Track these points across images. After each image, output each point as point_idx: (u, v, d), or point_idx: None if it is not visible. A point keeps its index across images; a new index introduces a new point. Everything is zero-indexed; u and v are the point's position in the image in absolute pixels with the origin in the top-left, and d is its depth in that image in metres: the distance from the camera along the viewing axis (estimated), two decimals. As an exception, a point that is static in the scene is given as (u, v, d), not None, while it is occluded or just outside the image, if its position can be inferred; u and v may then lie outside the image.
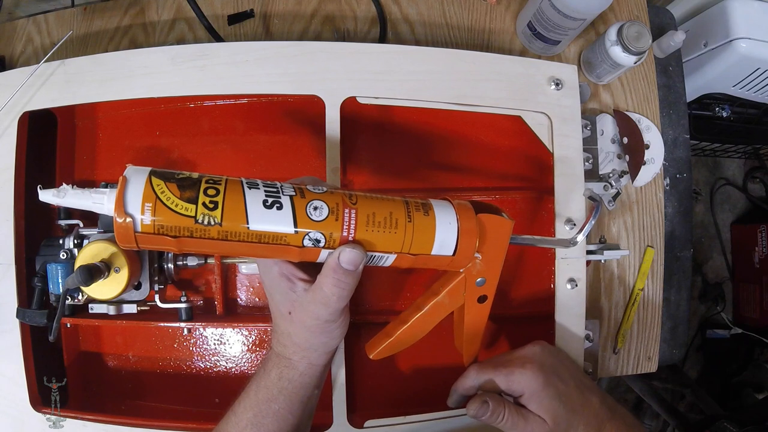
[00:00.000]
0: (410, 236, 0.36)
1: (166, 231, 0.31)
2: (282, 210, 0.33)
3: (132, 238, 0.31)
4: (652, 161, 0.66)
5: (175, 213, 0.31)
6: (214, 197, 0.32)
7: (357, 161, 0.57)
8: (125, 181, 0.31)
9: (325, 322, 0.39)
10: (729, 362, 1.46)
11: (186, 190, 0.31)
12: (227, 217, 0.32)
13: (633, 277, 0.66)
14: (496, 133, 0.59)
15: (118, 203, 0.30)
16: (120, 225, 0.30)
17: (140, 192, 0.31)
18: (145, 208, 0.31)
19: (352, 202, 0.35)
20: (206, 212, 0.31)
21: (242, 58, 0.50)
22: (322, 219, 0.34)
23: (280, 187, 0.34)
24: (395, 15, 0.67)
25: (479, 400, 0.43)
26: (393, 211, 0.36)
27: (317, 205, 0.34)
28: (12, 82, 0.50)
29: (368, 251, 0.35)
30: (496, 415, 0.43)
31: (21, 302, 0.50)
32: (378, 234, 0.35)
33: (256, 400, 0.40)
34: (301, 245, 0.34)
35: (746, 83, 0.84)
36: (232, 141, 0.58)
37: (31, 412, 0.50)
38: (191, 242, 0.32)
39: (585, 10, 0.56)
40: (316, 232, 0.34)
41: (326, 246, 0.34)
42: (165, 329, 0.57)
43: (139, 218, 0.31)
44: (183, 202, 0.31)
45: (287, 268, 0.38)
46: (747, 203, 1.56)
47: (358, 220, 0.35)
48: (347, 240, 0.35)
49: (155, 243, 0.31)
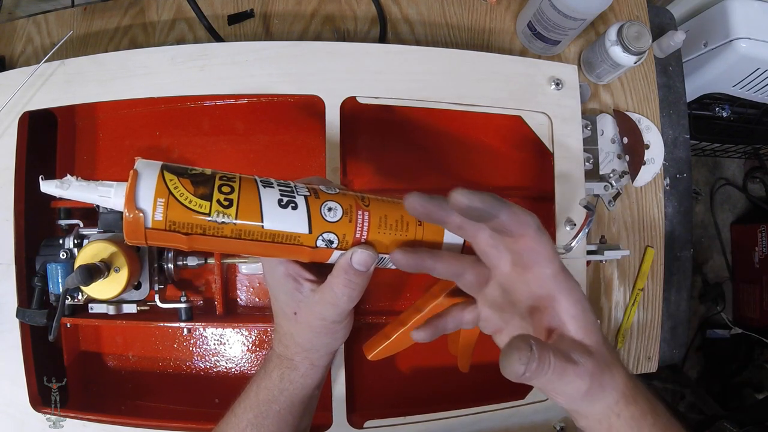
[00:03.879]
0: (420, 239, 0.36)
1: (179, 228, 0.30)
2: (297, 210, 0.33)
3: (142, 234, 0.30)
4: (652, 161, 0.66)
5: (189, 210, 0.30)
6: (229, 195, 0.31)
7: (357, 161, 0.57)
8: (136, 174, 0.30)
9: (332, 322, 0.39)
10: (729, 362, 1.46)
11: (200, 187, 0.31)
12: (242, 215, 0.31)
13: (633, 277, 0.66)
14: (496, 133, 0.59)
15: (129, 197, 0.29)
16: (130, 220, 0.30)
17: (153, 187, 0.30)
18: (158, 204, 0.30)
19: (365, 204, 0.35)
20: (221, 210, 0.31)
21: (242, 58, 0.50)
22: (337, 220, 0.34)
23: (294, 186, 0.34)
24: (395, 15, 0.67)
25: (522, 343, 0.28)
26: (404, 214, 0.36)
27: (331, 206, 0.34)
28: (12, 82, 0.50)
29: (379, 253, 0.35)
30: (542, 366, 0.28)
31: (21, 302, 0.50)
32: (389, 236, 0.35)
33: (256, 401, 0.40)
34: (314, 246, 0.34)
35: (746, 83, 0.84)
36: (232, 141, 0.58)
37: (31, 412, 0.49)
38: (203, 240, 0.31)
39: (585, 10, 0.56)
40: (330, 233, 0.34)
41: (339, 247, 0.34)
42: (165, 329, 0.57)
43: (151, 214, 0.30)
44: (197, 198, 0.30)
45: (293, 269, 0.38)
46: (747, 203, 1.56)
47: (371, 222, 0.35)
48: (359, 241, 0.35)
49: (166, 240, 0.31)
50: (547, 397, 0.52)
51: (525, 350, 0.28)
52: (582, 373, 0.30)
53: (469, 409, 0.51)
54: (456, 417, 0.51)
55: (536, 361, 0.28)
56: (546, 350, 0.29)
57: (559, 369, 0.29)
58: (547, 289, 0.33)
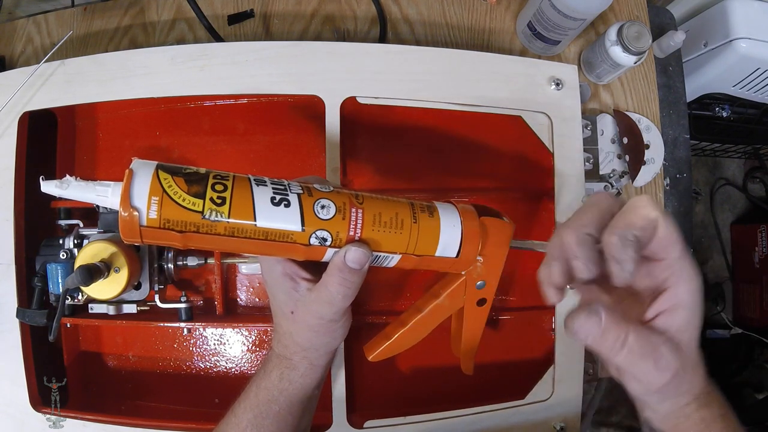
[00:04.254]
0: (415, 237, 0.36)
1: (173, 226, 0.31)
2: (290, 207, 0.33)
3: (137, 232, 0.31)
4: (652, 161, 0.66)
5: (182, 207, 0.31)
6: (222, 193, 0.32)
7: (357, 161, 0.57)
8: (132, 173, 0.30)
9: (329, 321, 0.39)
10: (729, 362, 1.45)
11: (193, 185, 0.31)
12: (235, 213, 0.32)
13: (633, 277, 0.66)
14: (496, 133, 0.59)
15: (124, 196, 0.30)
16: (125, 218, 0.30)
17: (147, 185, 0.30)
18: (152, 202, 0.30)
19: (359, 201, 0.35)
20: (214, 207, 0.31)
21: (242, 58, 0.50)
22: (330, 218, 0.34)
23: (287, 184, 0.34)
24: (395, 15, 0.67)
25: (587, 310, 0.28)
26: (399, 212, 0.36)
27: (325, 203, 0.34)
28: (12, 82, 0.50)
29: (374, 251, 0.35)
30: (614, 337, 0.28)
31: (21, 302, 0.50)
32: (384, 234, 0.35)
33: (256, 401, 0.40)
34: (308, 243, 0.34)
35: (746, 83, 0.84)
36: (232, 141, 0.58)
37: (31, 412, 0.49)
38: (197, 238, 0.32)
39: (585, 10, 0.56)
40: (323, 231, 0.34)
41: (332, 245, 0.34)
42: (165, 329, 0.57)
43: (145, 212, 0.30)
44: (190, 196, 0.31)
45: (290, 268, 0.38)
46: (747, 203, 1.56)
47: (365, 219, 0.35)
48: (353, 239, 0.35)
49: (160, 238, 0.31)
50: (547, 397, 0.52)
51: (590, 314, 0.28)
52: (664, 368, 0.29)
53: (469, 409, 0.51)
54: (456, 417, 0.51)
55: (600, 327, 0.28)
56: (621, 325, 0.28)
57: (639, 353, 0.28)
58: (671, 272, 0.30)
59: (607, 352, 0.29)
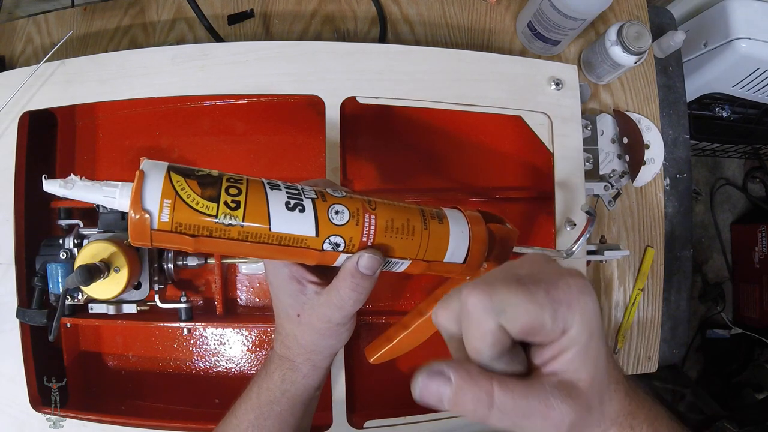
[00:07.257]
0: (425, 243, 0.36)
1: (185, 230, 0.30)
2: (304, 213, 0.32)
3: (147, 236, 0.30)
4: (652, 161, 0.66)
5: (196, 211, 0.30)
6: (237, 197, 0.31)
7: (357, 161, 0.57)
8: (143, 175, 0.29)
9: (336, 325, 0.39)
10: (729, 362, 1.45)
11: (207, 188, 0.31)
12: (249, 217, 0.31)
13: (633, 277, 0.66)
14: (496, 133, 0.59)
15: (135, 198, 0.29)
16: (135, 221, 0.29)
17: (159, 187, 0.29)
18: (164, 205, 0.29)
19: (372, 207, 0.35)
20: (228, 212, 0.31)
21: (242, 58, 0.50)
22: (344, 223, 0.33)
23: (301, 189, 0.34)
24: (395, 15, 0.67)
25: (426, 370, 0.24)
26: (410, 218, 0.36)
27: (339, 209, 0.34)
28: (12, 82, 0.50)
29: (385, 257, 0.35)
30: (474, 398, 0.23)
31: (21, 302, 0.50)
32: (396, 240, 0.35)
33: (258, 402, 0.40)
34: (321, 249, 0.33)
35: (746, 83, 0.84)
36: (232, 141, 0.58)
37: (31, 412, 0.49)
38: (209, 242, 0.31)
39: (585, 10, 0.56)
40: (336, 237, 0.33)
41: (345, 250, 0.34)
42: (165, 329, 0.57)
43: (157, 215, 0.29)
44: (204, 200, 0.30)
45: (298, 271, 0.38)
46: (747, 203, 1.56)
47: (378, 225, 0.34)
48: (366, 245, 0.34)
49: (171, 241, 0.30)
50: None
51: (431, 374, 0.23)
52: (558, 422, 0.24)
53: (469, 409, 0.51)
54: (456, 417, 0.51)
55: (450, 387, 0.23)
56: (480, 382, 0.23)
57: (516, 412, 0.23)
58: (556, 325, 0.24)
59: (472, 417, 0.23)
